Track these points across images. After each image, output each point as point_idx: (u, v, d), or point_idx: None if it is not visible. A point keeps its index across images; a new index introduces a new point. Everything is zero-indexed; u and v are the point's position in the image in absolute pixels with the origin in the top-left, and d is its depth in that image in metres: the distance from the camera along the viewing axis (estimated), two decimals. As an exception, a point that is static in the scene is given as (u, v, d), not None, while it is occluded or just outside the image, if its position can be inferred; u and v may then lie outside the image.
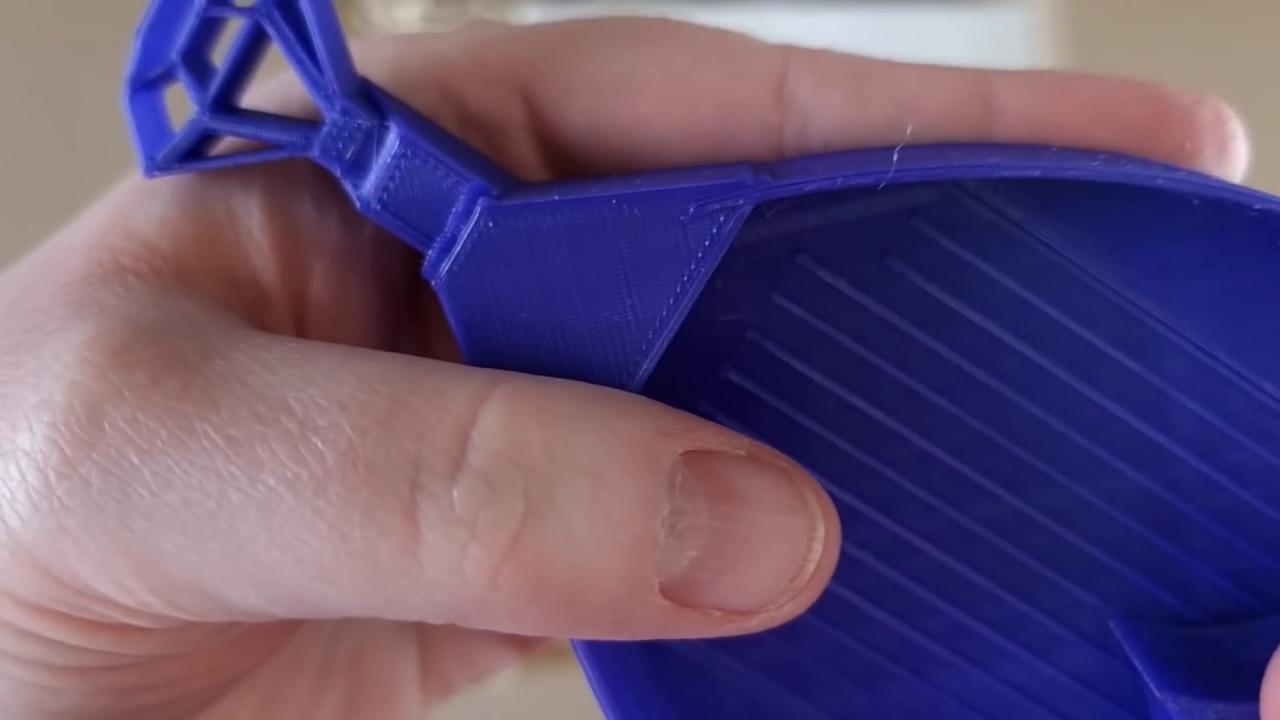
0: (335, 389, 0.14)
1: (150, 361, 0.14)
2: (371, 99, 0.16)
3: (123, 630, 0.15)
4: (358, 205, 0.16)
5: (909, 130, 0.17)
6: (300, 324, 0.17)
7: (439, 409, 0.14)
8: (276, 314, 0.17)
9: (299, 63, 0.16)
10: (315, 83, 0.16)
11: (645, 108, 0.17)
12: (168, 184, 0.17)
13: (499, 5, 0.62)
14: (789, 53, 0.17)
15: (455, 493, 0.13)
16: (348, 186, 0.16)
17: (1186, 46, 0.62)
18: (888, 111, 0.17)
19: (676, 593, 0.14)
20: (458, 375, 0.14)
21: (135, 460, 0.14)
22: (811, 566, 0.15)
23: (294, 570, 0.14)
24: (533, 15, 0.61)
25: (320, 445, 0.14)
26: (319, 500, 0.13)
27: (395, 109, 0.16)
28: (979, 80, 0.17)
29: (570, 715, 0.56)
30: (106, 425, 0.14)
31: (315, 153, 0.16)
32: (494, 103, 0.17)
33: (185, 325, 0.15)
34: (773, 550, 0.14)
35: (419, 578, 0.14)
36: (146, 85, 0.16)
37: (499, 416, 0.14)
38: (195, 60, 0.16)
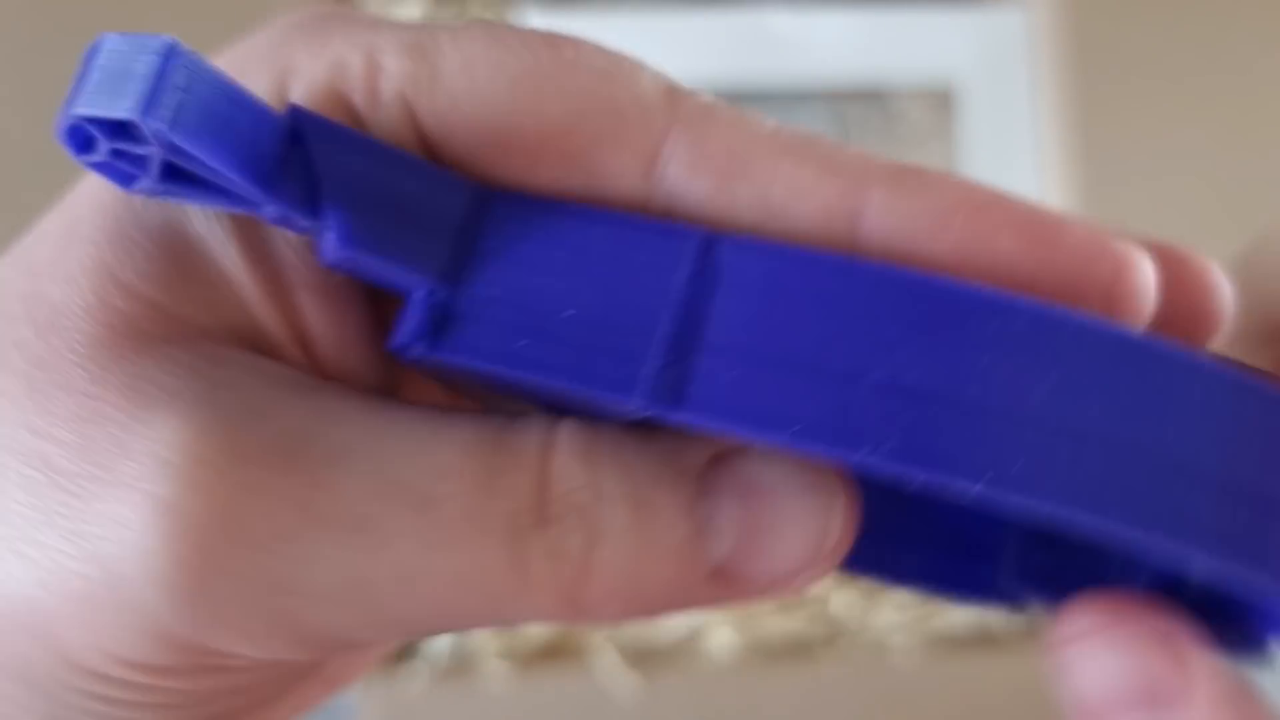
0: (435, 459, 0.16)
1: (259, 454, 0.16)
2: (305, 159, 0.15)
3: (238, 669, 0.17)
4: (320, 262, 0.16)
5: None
6: (309, 361, 0.17)
7: (518, 466, 0.16)
8: (289, 357, 0.17)
9: (214, 194, 0.15)
10: (238, 202, 0.16)
11: (516, 166, 0.17)
12: (139, 228, 0.17)
13: (498, 5, 0.62)
14: (671, 120, 0.17)
15: (543, 534, 0.16)
16: (312, 243, 0.16)
17: (1187, 47, 0.62)
18: (752, 214, 0.16)
19: (722, 575, 0.17)
20: (523, 431, 0.17)
21: (275, 548, 0.15)
22: (834, 537, 0.17)
23: (426, 616, 0.16)
24: (532, 16, 0.61)
25: (439, 513, 0.16)
26: (443, 557, 0.16)
27: (331, 172, 0.15)
28: (853, 196, 0.16)
29: (569, 713, 0.56)
30: (240, 522, 0.15)
31: (268, 219, 0.16)
32: (388, 123, 0.17)
33: (262, 402, 0.16)
34: (797, 532, 0.17)
35: (525, 604, 0.16)
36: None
37: (559, 466, 0.16)
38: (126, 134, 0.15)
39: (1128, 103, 0.61)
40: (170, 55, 0.14)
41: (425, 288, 0.16)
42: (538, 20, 0.60)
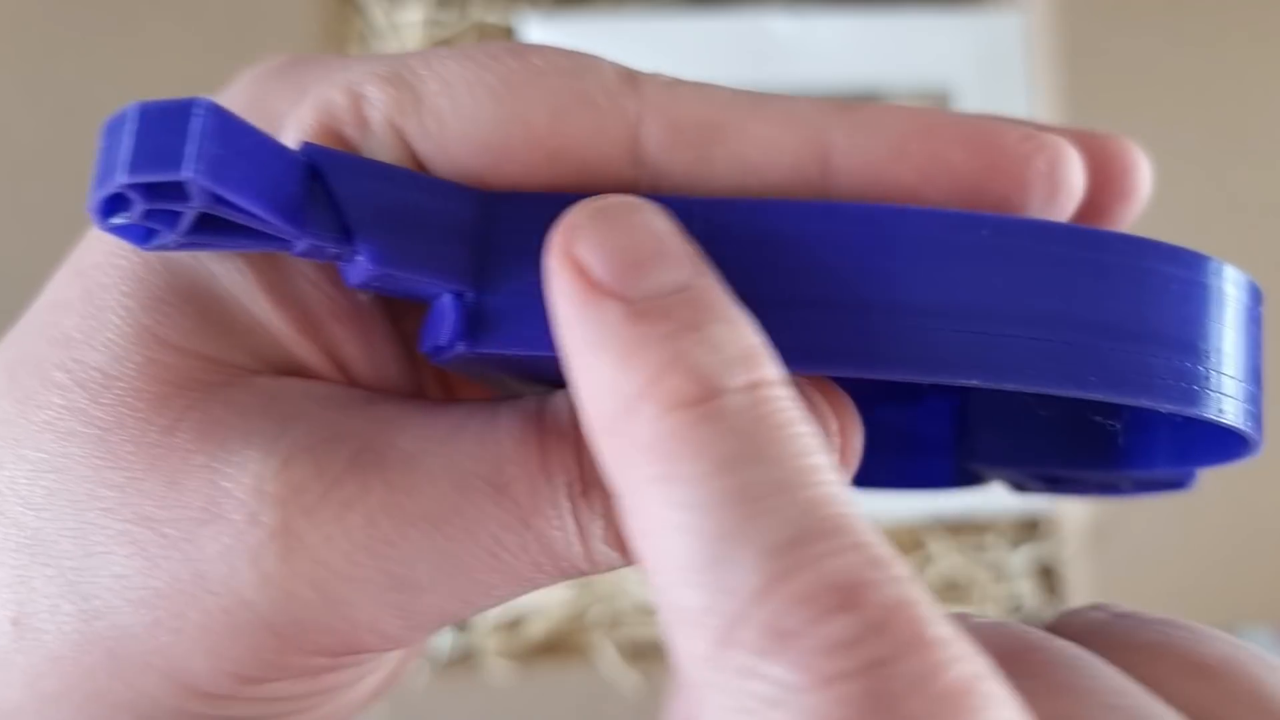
0: (496, 448, 0.18)
1: (345, 471, 0.17)
2: (326, 191, 0.16)
3: (357, 660, 0.18)
4: (347, 284, 0.18)
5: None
6: (348, 381, 0.19)
7: (560, 442, 0.18)
8: (331, 381, 0.18)
9: (246, 239, 0.16)
10: (271, 240, 0.16)
11: (511, 171, 0.18)
12: (168, 289, 0.18)
13: (500, 9, 0.63)
14: (642, 101, 0.18)
15: (590, 499, 0.18)
16: (339, 268, 0.17)
17: (1183, 51, 0.62)
18: (732, 176, 0.18)
19: None
20: (556, 410, 0.18)
21: (382, 551, 0.17)
22: (837, 451, 0.18)
23: (513, 585, 0.18)
24: (532, 20, 0.61)
25: (511, 496, 0.17)
26: (523, 533, 0.17)
27: (351, 199, 0.17)
28: (818, 143, 0.18)
29: (570, 710, 0.56)
30: (346, 535, 0.17)
31: (297, 253, 0.17)
32: (381, 150, 0.18)
33: (330, 425, 0.18)
34: None
35: (590, 561, 0.18)
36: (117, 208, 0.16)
37: (586, 435, 0.17)
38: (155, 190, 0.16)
39: (1123, 107, 0.61)
40: (207, 114, 0.15)
41: (455, 291, 0.17)
42: (537, 25, 0.61)
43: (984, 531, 0.62)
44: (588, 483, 0.18)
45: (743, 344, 0.15)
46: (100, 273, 0.18)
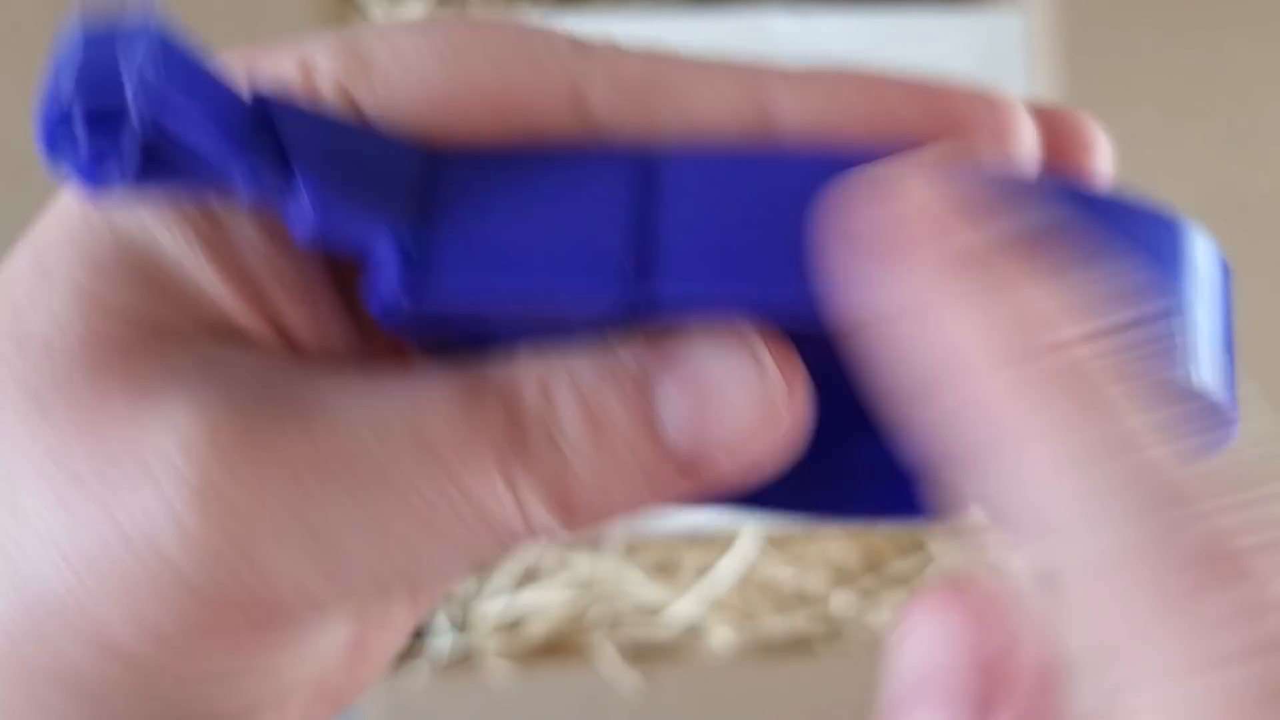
0: (427, 404, 0.17)
1: (269, 427, 0.17)
2: (275, 132, 0.16)
3: (283, 638, 0.18)
4: (294, 237, 0.17)
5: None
6: (291, 350, 0.18)
7: (494, 398, 0.18)
8: (272, 350, 0.18)
9: (192, 177, 0.16)
10: (215, 178, 0.16)
11: (459, 132, 0.18)
12: (111, 254, 0.18)
13: (500, 6, 0.63)
14: (585, 59, 0.18)
15: (524, 458, 0.17)
16: (286, 219, 0.17)
17: (1184, 51, 0.62)
18: (676, 131, 0.18)
19: (686, 460, 0.18)
20: (492, 366, 0.18)
21: (303, 504, 0.17)
22: (777, 390, 0.18)
23: (446, 552, 0.18)
24: (533, 19, 0.61)
25: (439, 452, 0.17)
26: (451, 492, 0.17)
27: (297, 142, 0.17)
28: (760, 97, 0.18)
29: (570, 711, 0.56)
30: (267, 487, 0.17)
31: (241, 194, 0.17)
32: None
33: (261, 385, 0.18)
34: (740, 390, 0.18)
35: (526, 525, 0.18)
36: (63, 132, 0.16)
37: (523, 392, 0.18)
38: (100, 117, 0.16)
39: (1124, 106, 0.61)
40: (153, 40, 0.15)
41: (396, 240, 0.17)
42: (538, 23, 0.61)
43: (984, 531, 0.62)
44: (523, 444, 0.17)
45: (1084, 291, 0.15)
46: (49, 241, 0.18)
